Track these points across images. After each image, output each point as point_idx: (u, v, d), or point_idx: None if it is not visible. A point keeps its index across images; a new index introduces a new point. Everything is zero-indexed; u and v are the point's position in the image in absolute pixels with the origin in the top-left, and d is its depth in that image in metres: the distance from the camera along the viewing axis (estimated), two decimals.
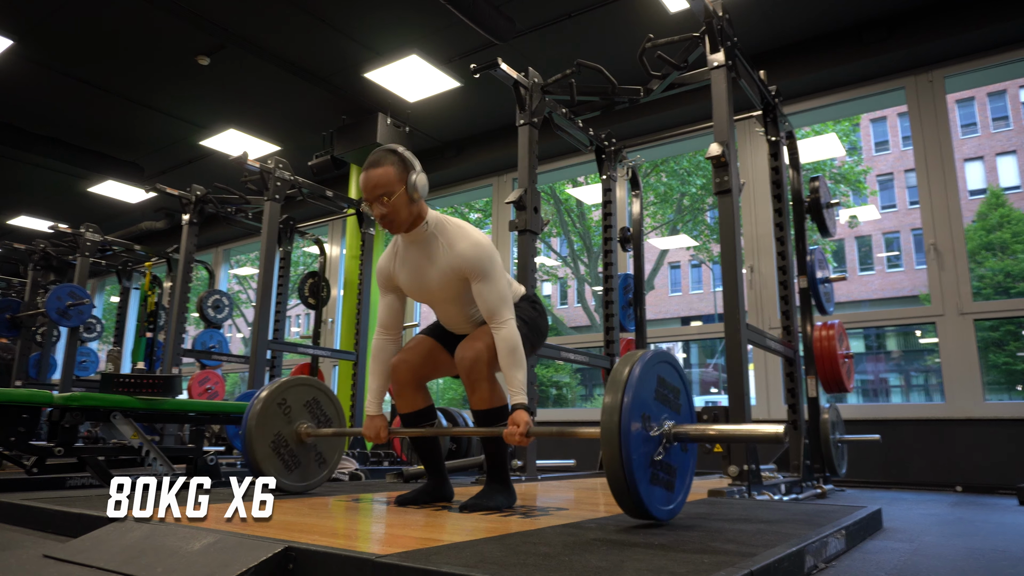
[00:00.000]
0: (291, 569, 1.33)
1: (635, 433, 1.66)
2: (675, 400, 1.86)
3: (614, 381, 1.70)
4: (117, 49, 5.63)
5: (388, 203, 2.04)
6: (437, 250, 2.12)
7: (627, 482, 1.63)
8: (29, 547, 1.72)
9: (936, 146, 5.00)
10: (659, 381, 1.80)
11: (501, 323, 2.05)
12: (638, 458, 1.66)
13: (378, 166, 2.05)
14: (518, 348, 2.04)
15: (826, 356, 4.06)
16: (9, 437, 3.03)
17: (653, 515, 1.70)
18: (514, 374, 2.03)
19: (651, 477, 1.72)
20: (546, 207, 14.52)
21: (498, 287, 2.07)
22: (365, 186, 2.06)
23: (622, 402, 1.65)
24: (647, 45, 3.57)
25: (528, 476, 3.53)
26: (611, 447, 1.63)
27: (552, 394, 20.04)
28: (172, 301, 5.86)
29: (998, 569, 1.67)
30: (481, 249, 2.07)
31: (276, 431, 2.59)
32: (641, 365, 1.73)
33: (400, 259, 2.21)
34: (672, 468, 1.83)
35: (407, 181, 2.06)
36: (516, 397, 2.02)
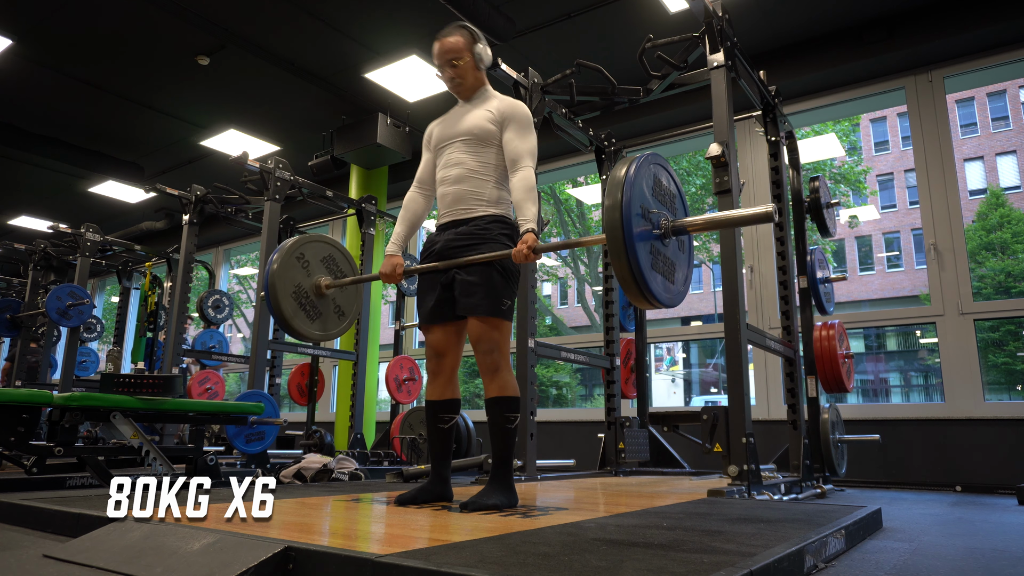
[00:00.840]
0: (291, 569, 1.33)
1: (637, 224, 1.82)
2: (671, 201, 2.03)
3: (613, 181, 1.88)
4: (117, 49, 5.63)
5: (458, 66, 2.33)
6: (486, 101, 2.37)
7: (632, 268, 1.78)
8: (29, 547, 1.72)
9: (936, 146, 5.00)
10: (655, 181, 1.97)
11: (523, 166, 2.25)
12: (642, 246, 1.82)
13: (450, 35, 2.35)
14: (534, 188, 2.22)
15: (826, 356, 4.06)
16: (9, 437, 3.02)
17: (656, 298, 1.84)
18: (528, 206, 2.18)
19: (653, 264, 1.88)
20: (546, 207, 14.52)
21: (528, 142, 2.28)
22: (438, 52, 2.34)
23: (623, 197, 1.80)
24: (647, 45, 3.57)
25: (528, 476, 3.53)
26: (616, 239, 1.76)
27: (552, 394, 20.04)
28: (172, 301, 5.86)
29: (998, 569, 1.67)
30: (527, 111, 2.33)
31: (296, 283, 2.72)
32: (637, 164, 1.88)
33: (447, 117, 2.45)
34: (671, 262, 1.98)
35: (474, 49, 2.35)
36: (528, 223, 2.16)
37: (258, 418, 4.06)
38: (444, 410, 2.33)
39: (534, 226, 2.15)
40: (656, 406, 5.26)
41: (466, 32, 2.36)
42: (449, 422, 2.33)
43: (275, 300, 2.62)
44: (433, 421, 2.33)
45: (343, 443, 6.02)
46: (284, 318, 2.65)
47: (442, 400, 2.33)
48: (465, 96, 2.41)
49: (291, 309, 2.66)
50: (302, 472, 4.11)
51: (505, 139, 2.29)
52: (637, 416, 4.54)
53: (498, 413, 2.21)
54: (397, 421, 5.43)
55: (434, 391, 2.35)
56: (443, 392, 2.34)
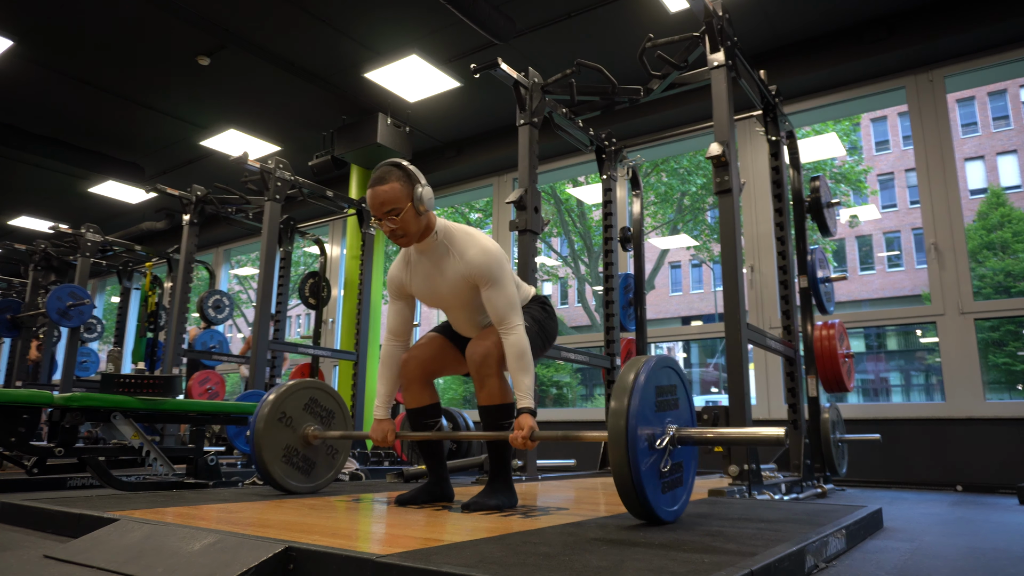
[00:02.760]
0: (291, 569, 1.33)
1: (642, 437, 1.70)
2: (676, 403, 1.90)
3: (620, 386, 1.74)
4: (117, 49, 5.63)
5: (397, 219, 2.08)
6: (447, 259, 2.17)
7: (635, 486, 1.67)
8: (29, 547, 1.72)
9: (936, 145, 4.99)
10: (662, 386, 1.83)
11: (510, 329, 2.09)
12: (645, 461, 1.70)
13: (384, 183, 2.07)
14: (526, 353, 2.08)
15: (826, 355, 4.06)
16: (9, 437, 3.03)
17: (660, 517, 1.74)
18: (521, 379, 2.06)
19: (657, 480, 1.76)
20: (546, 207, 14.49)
21: (507, 293, 2.11)
22: (372, 203, 2.09)
23: (629, 407, 1.68)
24: (647, 45, 3.57)
25: (528, 476, 3.53)
26: (619, 451, 1.66)
27: (552, 394, 20.04)
28: (172, 301, 5.86)
29: (998, 568, 1.67)
30: (490, 256, 2.12)
31: (284, 445, 2.62)
32: (646, 371, 1.77)
33: (412, 268, 2.26)
34: (676, 469, 1.86)
35: (413, 195, 2.08)
36: (523, 401, 2.06)
37: None
38: (426, 416, 2.33)
39: (530, 404, 2.05)
40: None
41: (401, 174, 2.09)
42: (435, 426, 2.33)
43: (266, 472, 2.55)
44: (418, 428, 2.33)
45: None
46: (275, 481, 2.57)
47: (421, 407, 2.32)
48: (412, 244, 2.17)
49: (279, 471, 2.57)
50: None
51: (484, 300, 2.13)
52: None
53: (491, 420, 2.18)
54: (397, 421, 5.43)
55: (411, 398, 2.32)
56: (420, 399, 2.31)
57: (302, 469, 2.67)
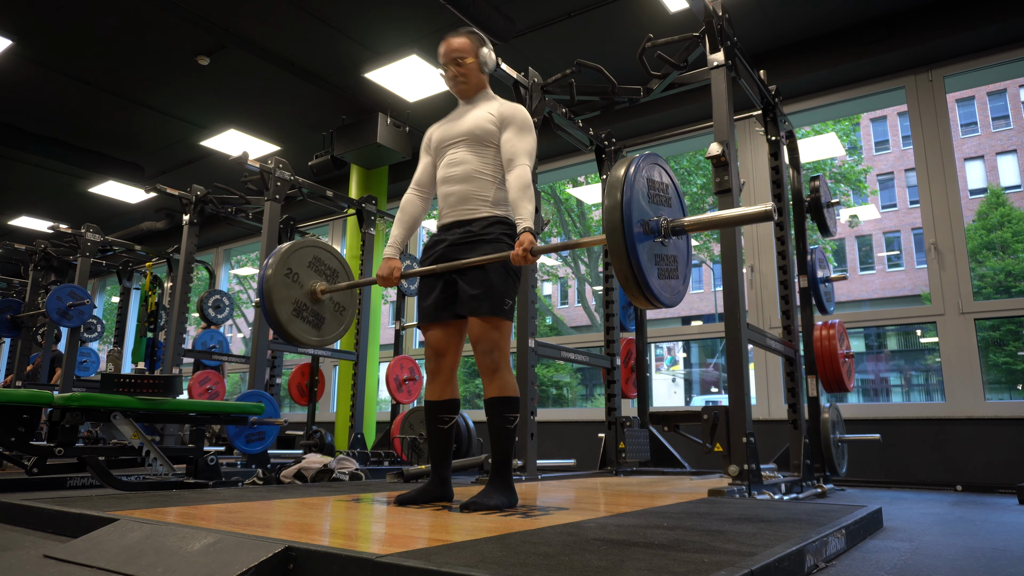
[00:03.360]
0: (291, 569, 1.33)
1: (637, 224, 1.82)
2: (668, 198, 2.02)
3: (613, 180, 1.87)
4: (117, 49, 5.63)
5: (462, 66, 2.38)
6: (486, 103, 2.41)
7: (632, 268, 1.78)
8: (29, 547, 1.72)
9: (936, 145, 5.00)
10: (654, 181, 1.98)
11: (520, 164, 2.25)
12: (642, 246, 1.81)
13: (458, 35, 2.41)
14: (530, 186, 2.22)
15: (826, 355, 4.06)
16: (9, 437, 3.03)
17: (657, 298, 1.86)
18: (524, 204, 2.17)
19: (653, 263, 1.88)
20: (546, 207, 14.52)
21: (526, 143, 2.30)
22: (444, 51, 2.39)
23: (622, 197, 1.80)
24: (647, 45, 3.57)
25: (528, 476, 3.53)
26: (616, 242, 1.78)
27: (552, 394, 20.04)
28: (172, 301, 5.86)
29: (998, 568, 1.67)
30: (527, 114, 2.36)
31: (293, 300, 2.70)
32: (636, 164, 1.88)
33: (447, 119, 2.47)
34: (671, 261, 1.98)
35: (479, 52, 2.40)
36: (524, 222, 2.14)
37: (258, 418, 4.06)
38: (444, 410, 2.33)
39: (530, 225, 2.14)
40: (656, 406, 5.26)
41: (474, 35, 2.43)
42: (449, 422, 2.33)
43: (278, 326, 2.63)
44: (433, 421, 2.33)
45: (343, 443, 6.03)
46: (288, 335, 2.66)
47: (441, 400, 2.33)
48: (466, 96, 2.44)
49: (292, 325, 2.66)
50: (302, 472, 4.12)
51: (503, 139, 2.31)
52: (638, 416, 4.54)
53: (497, 414, 2.21)
54: (397, 421, 5.43)
55: (433, 391, 2.35)
56: (442, 392, 2.34)
57: (312, 323, 2.76)
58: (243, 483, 3.85)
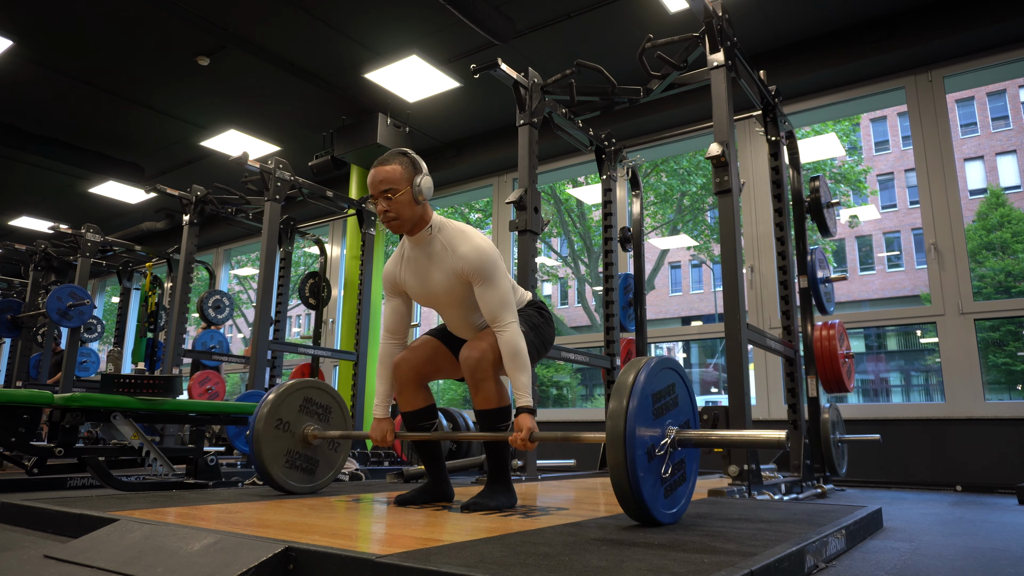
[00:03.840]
0: (291, 569, 1.33)
1: (640, 439, 1.67)
2: (676, 402, 1.87)
3: (619, 387, 1.71)
4: (117, 49, 5.63)
5: (393, 200, 2.09)
6: (440, 253, 2.16)
7: (632, 488, 1.64)
8: (29, 547, 1.72)
9: (936, 146, 5.00)
10: (664, 387, 1.81)
11: (504, 326, 2.08)
12: (643, 465, 1.67)
13: (386, 163, 2.12)
14: (521, 351, 2.07)
15: (826, 356, 4.06)
16: (10, 437, 3.03)
17: (658, 520, 1.71)
18: (518, 377, 2.05)
19: (656, 482, 1.73)
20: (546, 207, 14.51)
21: (500, 291, 2.10)
22: (372, 181, 2.12)
23: (627, 408, 1.65)
24: (647, 45, 3.57)
25: (528, 476, 3.53)
26: (617, 453, 1.63)
27: (552, 394, 20.04)
28: (173, 302, 5.86)
29: (998, 568, 1.67)
30: (483, 252, 2.10)
31: (285, 450, 2.62)
32: (647, 371, 1.73)
33: (405, 263, 2.25)
34: (677, 469, 1.84)
35: (413, 181, 2.11)
36: (521, 400, 2.04)
37: None
38: (422, 419, 2.32)
39: (529, 403, 2.05)
40: None
41: (406, 160, 2.13)
42: (431, 427, 2.33)
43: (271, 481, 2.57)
44: (414, 431, 2.32)
45: None
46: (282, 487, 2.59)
47: (416, 410, 2.31)
48: (404, 232, 2.16)
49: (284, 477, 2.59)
50: None
51: (477, 296, 2.12)
52: None
53: (489, 424, 2.17)
54: (397, 421, 5.43)
55: (406, 402, 2.31)
56: (414, 402, 2.30)
57: (306, 469, 2.69)
58: (243, 483, 3.85)
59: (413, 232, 2.16)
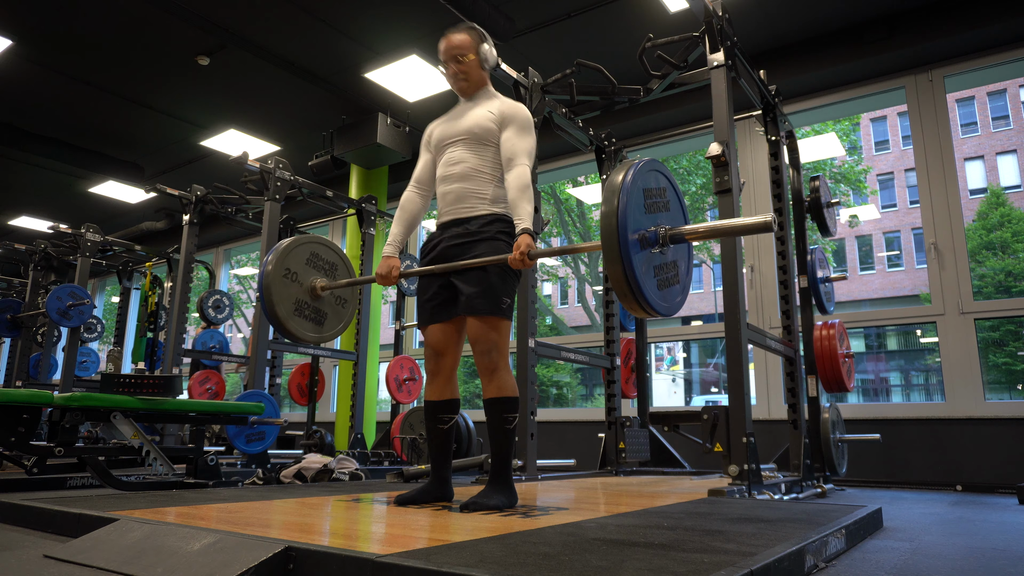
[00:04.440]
0: (291, 569, 1.33)
1: (634, 231, 1.76)
2: (668, 205, 1.96)
3: (610, 187, 1.81)
4: (117, 49, 5.63)
5: (463, 62, 2.37)
6: (487, 101, 2.39)
7: (628, 281, 1.71)
8: (29, 547, 1.72)
9: (936, 145, 5.00)
10: (654, 187, 1.92)
11: (519, 164, 2.24)
12: (638, 255, 1.75)
13: (458, 31, 2.41)
14: (530, 186, 2.21)
15: (826, 355, 4.06)
16: (9, 437, 3.02)
17: (653, 308, 1.81)
18: (523, 205, 2.16)
19: (649, 273, 1.82)
20: (546, 207, 14.53)
21: (526, 143, 2.28)
22: (446, 47, 2.38)
23: (619, 204, 1.74)
24: (647, 45, 3.57)
25: (528, 476, 3.53)
26: (611, 247, 1.70)
27: (552, 394, 20.04)
28: (173, 301, 5.86)
29: (998, 568, 1.67)
30: (527, 114, 2.34)
31: (294, 299, 2.68)
32: (634, 170, 1.82)
33: (446, 117, 2.46)
34: (672, 264, 1.92)
35: (480, 49, 2.39)
36: (523, 223, 2.14)
37: (258, 418, 4.06)
38: (443, 411, 2.33)
39: (529, 226, 2.13)
40: (656, 406, 5.26)
41: (474, 31, 2.41)
42: (449, 422, 2.33)
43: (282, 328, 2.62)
44: (433, 422, 2.33)
45: (343, 443, 6.03)
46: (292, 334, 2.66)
47: (441, 400, 2.33)
48: (467, 94, 2.42)
49: (295, 325, 2.65)
50: (302, 472, 4.12)
51: (503, 138, 2.29)
52: (637, 416, 4.54)
53: (497, 414, 2.21)
54: (397, 421, 5.43)
55: (433, 391, 2.34)
56: (442, 392, 2.33)
57: (314, 320, 2.75)
58: (243, 483, 3.85)
59: (472, 93, 2.41)
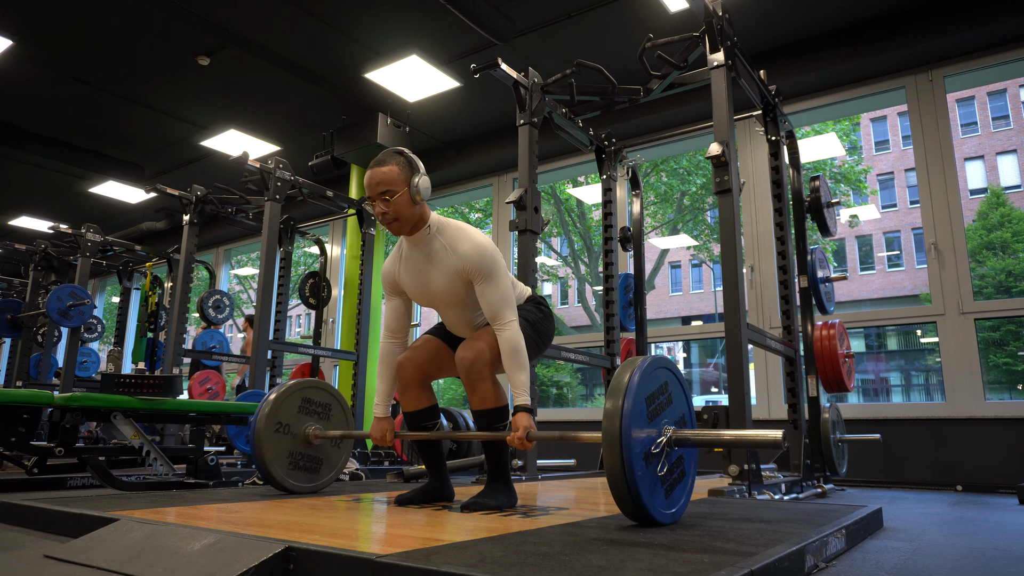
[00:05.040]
0: (291, 569, 1.33)
1: (636, 439, 1.67)
2: (672, 403, 1.87)
3: (615, 387, 1.71)
4: (117, 49, 5.63)
5: (391, 201, 2.08)
6: (440, 253, 2.15)
7: (629, 488, 1.64)
8: (30, 547, 1.72)
9: (936, 145, 4.99)
10: (659, 386, 1.81)
11: (504, 324, 2.08)
12: (640, 464, 1.67)
13: (383, 164, 2.10)
14: (521, 350, 2.06)
15: (827, 355, 4.06)
16: (10, 437, 3.03)
17: (656, 520, 1.71)
18: (517, 376, 2.05)
19: (654, 482, 1.73)
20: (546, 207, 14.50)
21: (501, 288, 2.09)
22: (369, 183, 2.11)
23: (623, 408, 1.66)
24: (647, 45, 3.57)
25: (528, 476, 3.53)
26: (613, 453, 1.64)
27: (552, 394, 20.04)
28: (173, 301, 5.86)
29: (998, 568, 1.67)
30: (483, 250, 2.10)
31: (287, 452, 2.62)
32: (641, 371, 1.74)
33: (404, 263, 2.24)
34: (674, 471, 1.83)
35: (410, 182, 2.10)
36: (519, 399, 2.04)
37: None
38: (424, 419, 2.32)
39: (527, 402, 2.04)
40: None
41: (402, 160, 2.12)
42: (433, 427, 2.33)
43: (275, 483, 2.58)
44: (416, 431, 2.32)
45: None
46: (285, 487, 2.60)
47: (419, 410, 2.31)
48: (404, 234, 2.16)
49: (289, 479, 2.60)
50: None
51: (477, 292, 2.11)
52: None
53: (485, 424, 2.17)
54: (397, 421, 5.43)
55: (408, 402, 2.31)
56: (418, 402, 2.30)
57: (309, 469, 2.70)
58: (243, 483, 3.85)
59: (412, 232, 2.15)
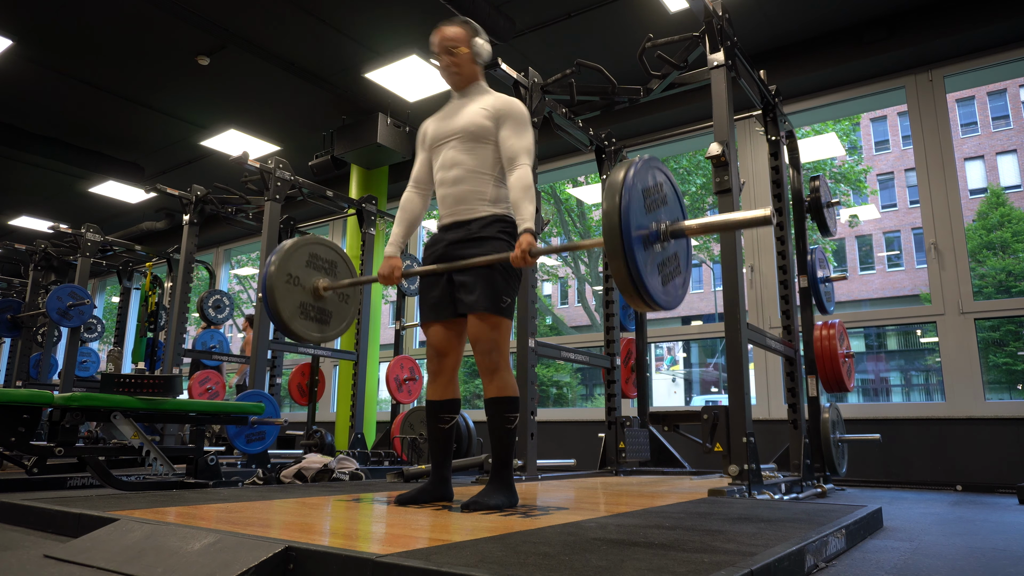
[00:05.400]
0: (291, 569, 1.33)
1: (636, 228, 1.81)
2: (664, 196, 2.00)
3: (612, 184, 1.84)
4: (117, 49, 5.63)
5: (455, 54, 2.37)
6: (481, 96, 2.38)
7: (630, 272, 1.76)
8: (29, 547, 1.72)
9: (936, 145, 4.99)
10: (654, 184, 1.94)
11: (520, 164, 2.25)
12: (640, 250, 1.80)
13: (452, 24, 2.42)
14: (532, 187, 2.23)
15: (826, 355, 4.06)
16: (10, 437, 3.02)
17: (656, 302, 1.84)
18: (525, 205, 2.18)
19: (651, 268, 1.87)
20: (546, 207, 14.52)
21: (524, 141, 2.28)
22: (438, 39, 2.39)
23: (621, 201, 1.78)
24: (647, 45, 3.57)
25: (528, 476, 3.53)
26: (614, 243, 1.76)
27: (552, 393, 20.04)
28: (173, 301, 5.86)
29: (998, 568, 1.67)
30: (522, 107, 2.34)
31: (298, 303, 2.69)
32: (636, 168, 1.87)
33: (440, 114, 2.46)
34: (670, 265, 1.97)
35: (472, 42, 2.40)
36: (524, 223, 2.16)
37: (259, 418, 4.06)
38: (444, 410, 2.33)
39: (531, 226, 2.14)
40: (656, 406, 5.26)
41: (467, 24, 2.42)
42: (450, 422, 2.33)
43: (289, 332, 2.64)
44: (434, 421, 2.33)
45: (344, 443, 6.03)
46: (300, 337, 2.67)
47: (442, 400, 2.33)
48: (459, 87, 2.42)
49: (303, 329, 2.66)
50: (303, 472, 4.12)
51: (501, 137, 2.29)
52: (638, 416, 4.54)
53: (497, 413, 2.21)
54: (397, 421, 5.43)
55: (435, 391, 2.34)
56: (444, 392, 2.33)
57: (320, 320, 2.77)
58: (243, 483, 3.85)
59: (464, 86, 2.41)
